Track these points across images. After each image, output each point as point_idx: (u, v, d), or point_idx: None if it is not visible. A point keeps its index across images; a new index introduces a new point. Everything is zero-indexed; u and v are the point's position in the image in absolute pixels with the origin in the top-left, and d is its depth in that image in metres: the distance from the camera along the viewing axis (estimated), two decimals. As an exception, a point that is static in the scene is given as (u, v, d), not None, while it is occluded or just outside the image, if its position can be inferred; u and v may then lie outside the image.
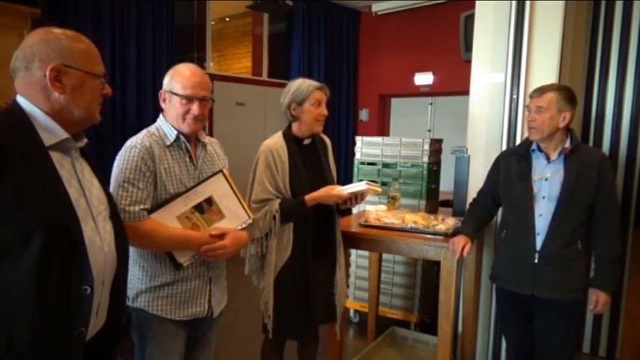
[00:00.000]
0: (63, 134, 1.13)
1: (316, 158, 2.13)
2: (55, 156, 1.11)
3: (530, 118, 1.98)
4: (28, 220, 1.01)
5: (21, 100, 1.12)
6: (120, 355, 1.35)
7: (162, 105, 1.62)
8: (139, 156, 1.51)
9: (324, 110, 2.08)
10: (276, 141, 2.08)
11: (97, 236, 1.16)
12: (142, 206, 1.49)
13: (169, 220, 1.53)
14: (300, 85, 2.05)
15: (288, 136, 2.10)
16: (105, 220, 1.22)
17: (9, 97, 1.15)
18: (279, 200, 2.01)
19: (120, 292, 1.30)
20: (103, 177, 1.30)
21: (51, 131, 1.11)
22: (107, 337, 1.26)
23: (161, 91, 1.61)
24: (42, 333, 1.04)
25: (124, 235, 1.31)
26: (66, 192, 1.10)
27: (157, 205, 1.53)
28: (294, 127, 2.12)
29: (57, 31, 1.15)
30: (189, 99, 1.56)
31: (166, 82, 1.60)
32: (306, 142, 2.14)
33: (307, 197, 2.01)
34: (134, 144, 1.54)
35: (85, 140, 1.24)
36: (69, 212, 1.08)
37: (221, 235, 1.59)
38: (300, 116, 2.06)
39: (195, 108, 1.57)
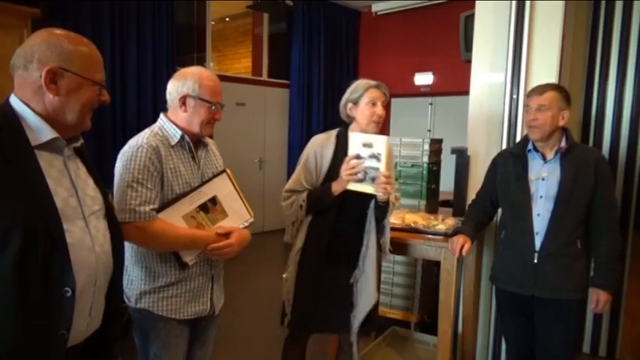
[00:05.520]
0: (51, 134, 1.11)
1: None
2: (45, 155, 1.11)
3: (532, 116, 1.97)
4: (5, 219, 1.00)
5: (13, 100, 1.12)
6: (120, 355, 1.35)
7: (180, 109, 1.59)
8: (147, 156, 1.50)
9: (379, 110, 1.96)
10: (326, 137, 2.03)
11: (87, 236, 1.15)
12: (151, 206, 1.49)
13: (175, 220, 1.54)
14: (357, 84, 2.01)
15: (341, 135, 2.03)
16: (98, 219, 1.21)
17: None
18: (306, 192, 1.99)
19: (116, 292, 1.30)
20: (102, 177, 1.29)
21: (39, 131, 1.10)
22: (105, 337, 1.26)
23: (182, 95, 1.57)
24: (20, 335, 1.03)
25: (119, 234, 1.30)
26: (48, 191, 1.07)
27: (163, 205, 1.53)
28: (351, 128, 2.04)
29: (61, 33, 1.14)
30: (217, 106, 1.60)
31: (191, 87, 1.56)
32: None
33: (333, 184, 1.94)
34: (141, 144, 1.52)
35: (81, 141, 1.23)
36: (50, 213, 1.06)
37: (227, 234, 1.60)
38: (357, 116, 1.99)
39: (219, 114, 1.62)
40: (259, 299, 4.14)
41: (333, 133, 2.06)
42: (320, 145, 2.00)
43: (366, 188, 1.90)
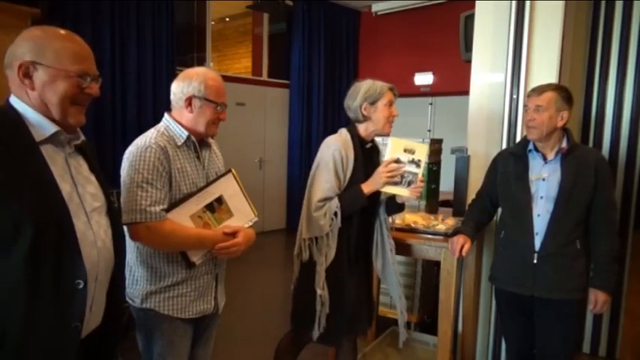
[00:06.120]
0: (53, 128, 1.13)
1: (372, 164, 2.07)
2: (48, 151, 1.12)
3: (530, 117, 1.98)
4: (16, 214, 1.02)
5: (13, 99, 1.14)
6: (120, 355, 1.36)
7: (186, 109, 1.60)
8: (156, 156, 1.51)
9: (395, 111, 2.05)
10: (345, 140, 2.01)
11: (90, 231, 1.17)
12: (161, 207, 1.50)
13: (183, 220, 1.55)
14: (373, 84, 2.02)
15: (354, 135, 2.04)
16: (100, 215, 1.22)
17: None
18: (337, 197, 1.97)
19: (118, 289, 1.30)
20: (103, 175, 1.30)
21: (40, 127, 1.12)
22: (105, 335, 1.26)
23: (188, 95, 1.58)
24: (35, 327, 1.05)
25: (120, 232, 1.31)
26: (56, 186, 1.10)
27: (171, 205, 1.54)
28: (361, 128, 2.05)
29: (39, 28, 1.16)
30: (222, 106, 1.62)
31: (197, 88, 1.58)
32: (368, 145, 2.09)
33: (362, 186, 1.96)
34: (149, 144, 1.52)
35: (82, 138, 1.24)
36: (59, 206, 1.09)
37: (233, 233, 1.62)
38: (372, 116, 2.01)
39: (224, 115, 1.64)
40: (259, 299, 4.14)
41: (346, 134, 2.04)
42: (343, 148, 1.98)
43: (400, 191, 1.99)
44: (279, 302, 4.03)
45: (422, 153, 1.98)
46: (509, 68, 2.56)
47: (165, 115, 1.65)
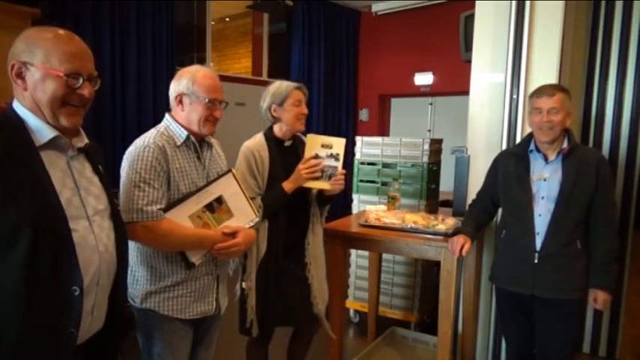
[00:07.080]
0: (51, 133, 1.12)
1: (296, 160, 2.12)
2: (49, 155, 1.12)
3: (546, 119, 1.95)
4: (14, 219, 1.01)
5: (15, 103, 1.14)
6: (120, 355, 1.35)
7: (178, 108, 1.62)
8: (154, 156, 1.51)
9: (304, 109, 2.13)
10: (257, 141, 2.11)
11: (91, 235, 1.16)
12: (158, 206, 1.50)
13: (182, 220, 1.55)
14: (279, 86, 2.12)
15: (269, 136, 2.14)
16: (103, 219, 1.22)
17: (9, 97, 1.16)
18: (259, 197, 2.04)
19: (121, 293, 1.30)
20: (107, 178, 1.30)
21: (40, 131, 1.11)
22: (107, 339, 1.26)
23: (178, 93, 1.60)
24: (30, 332, 1.05)
25: (124, 235, 1.31)
26: (54, 191, 1.09)
27: (170, 205, 1.54)
28: (276, 128, 2.16)
29: (34, 29, 1.15)
30: (213, 103, 1.61)
31: (185, 85, 1.59)
32: (287, 143, 2.17)
33: (284, 184, 2.05)
34: (147, 143, 1.53)
35: (86, 141, 1.23)
36: (56, 212, 1.08)
37: (233, 234, 1.61)
38: (282, 116, 2.11)
39: (218, 112, 1.63)
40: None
41: (261, 136, 2.14)
42: (256, 150, 2.07)
43: (321, 185, 2.10)
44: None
45: (339, 147, 2.09)
46: (509, 68, 2.55)
47: (166, 115, 1.66)
